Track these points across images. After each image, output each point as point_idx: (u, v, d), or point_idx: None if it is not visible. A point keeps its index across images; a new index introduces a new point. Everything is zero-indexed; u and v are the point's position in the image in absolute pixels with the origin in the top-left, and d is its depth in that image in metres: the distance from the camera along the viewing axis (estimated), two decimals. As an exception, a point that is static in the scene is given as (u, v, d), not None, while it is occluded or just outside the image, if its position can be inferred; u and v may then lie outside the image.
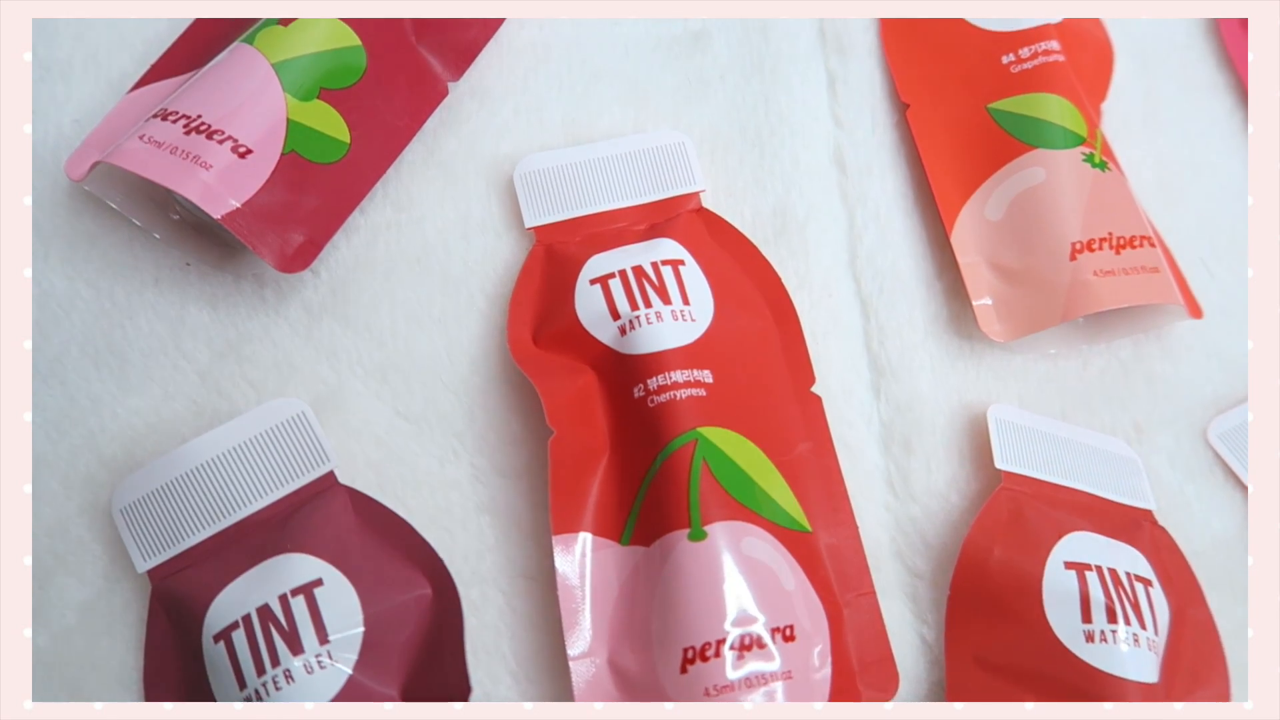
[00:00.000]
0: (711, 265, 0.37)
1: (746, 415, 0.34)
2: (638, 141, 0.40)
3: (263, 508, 0.32)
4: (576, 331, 0.36)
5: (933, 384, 0.39)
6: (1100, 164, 0.39)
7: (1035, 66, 0.40)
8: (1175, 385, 0.40)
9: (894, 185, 0.41)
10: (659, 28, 0.43)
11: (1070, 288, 0.37)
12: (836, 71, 0.43)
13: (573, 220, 0.38)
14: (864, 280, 0.40)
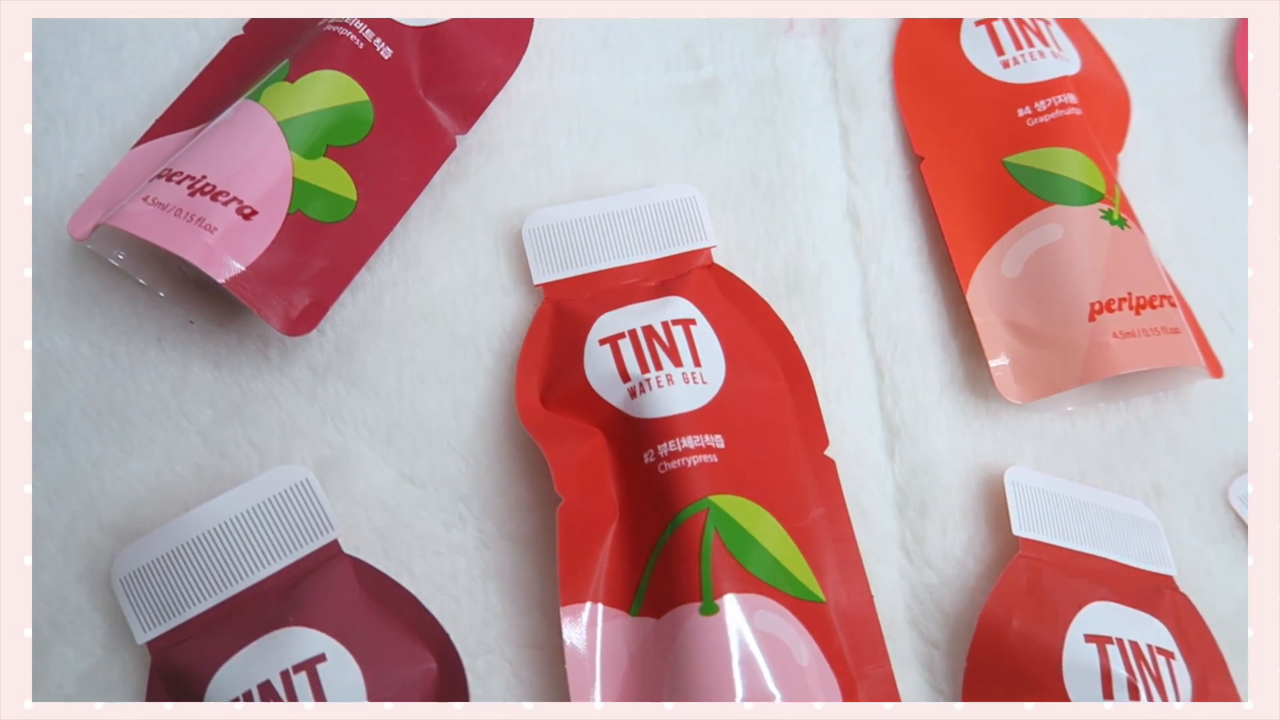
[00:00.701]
0: (723, 324, 0.37)
1: (759, 481, 0.34)
2: (648, 196, 0.39)
3: (265, 578, 0.32)
4: (586, 393, 0.35)
5: (948, 445, 0.38)
6: (1119, 221, 0.38)
7: (1052, 120, 0.40)
8: (1195, 444, 0.39)
9: (908, 239, 0.41)
10: (669, 76, 0.43)
11: (1089, 349, 0.36)
12: (849, 122, 0.42)
13: (582, 277, 0.38)
14: (878, 338, 0.39)
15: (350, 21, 0.37)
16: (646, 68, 0.43)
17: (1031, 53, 0.41)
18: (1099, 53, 0.44)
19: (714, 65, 0.43)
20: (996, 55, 0.42)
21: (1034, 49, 0.41)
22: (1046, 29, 0.42)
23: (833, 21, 0.44)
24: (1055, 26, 0.43)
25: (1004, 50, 0.42)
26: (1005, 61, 0.41)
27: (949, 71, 0.42)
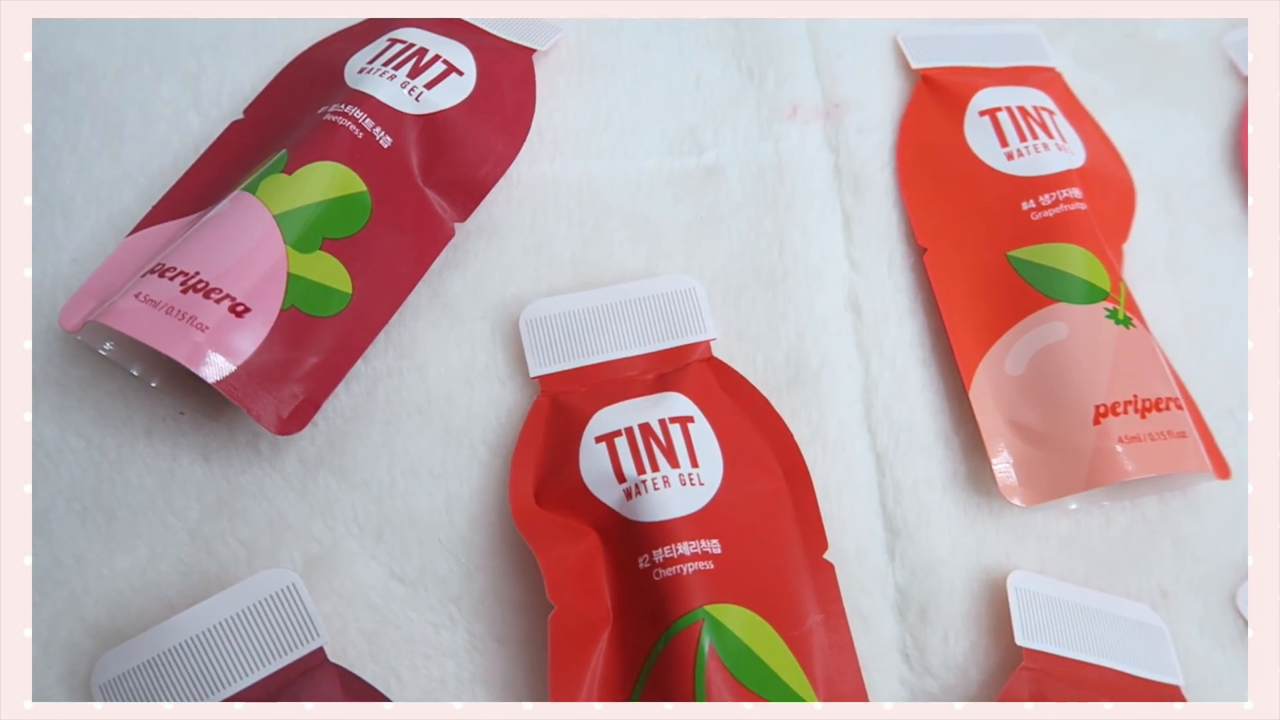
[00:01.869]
0: (721, 421, 0.36)
1: (755, 588, 0.33)
2: (648, 287, 0.39)
3: (249, 685, 0.31)
4: (581, 493, 0.35)
5: (950, 546, 0.37)
6: (1124, 320, 0.37)
7: (1056, 215, 0.39)
8: (1203, 546, 0.38)
9: (911, 332, 0.40)
10: (672, 161, 0.42)
11: (1094, 454, 0.35)
12: (852, 210, 0.42)
13: (579, 369, 0.37)
14: (880, 433, 0.38)
15: (349, 111, 0.37)
16: (649, 152, 0.43)
17: (1035, 145, 0.41)
18: (1103, 141, 0.44)
19: (716, 150, 0.43)
20: (1000, 146, 0.41)
21: (1038, 140, 0.41)
22: (1051, 119, 0.42)
23: (836, 106, 0.44)
24: (1060, 116, 0.43)
25: (1008, 141, 0.41)
26: (1009, 153, 0.41)
27: (953, 161, 0.42)
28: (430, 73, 0.39)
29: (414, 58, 0.39)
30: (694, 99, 0.44)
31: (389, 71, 0.39)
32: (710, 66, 0.44)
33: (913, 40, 0.45)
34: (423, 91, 0.38)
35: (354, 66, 0.39)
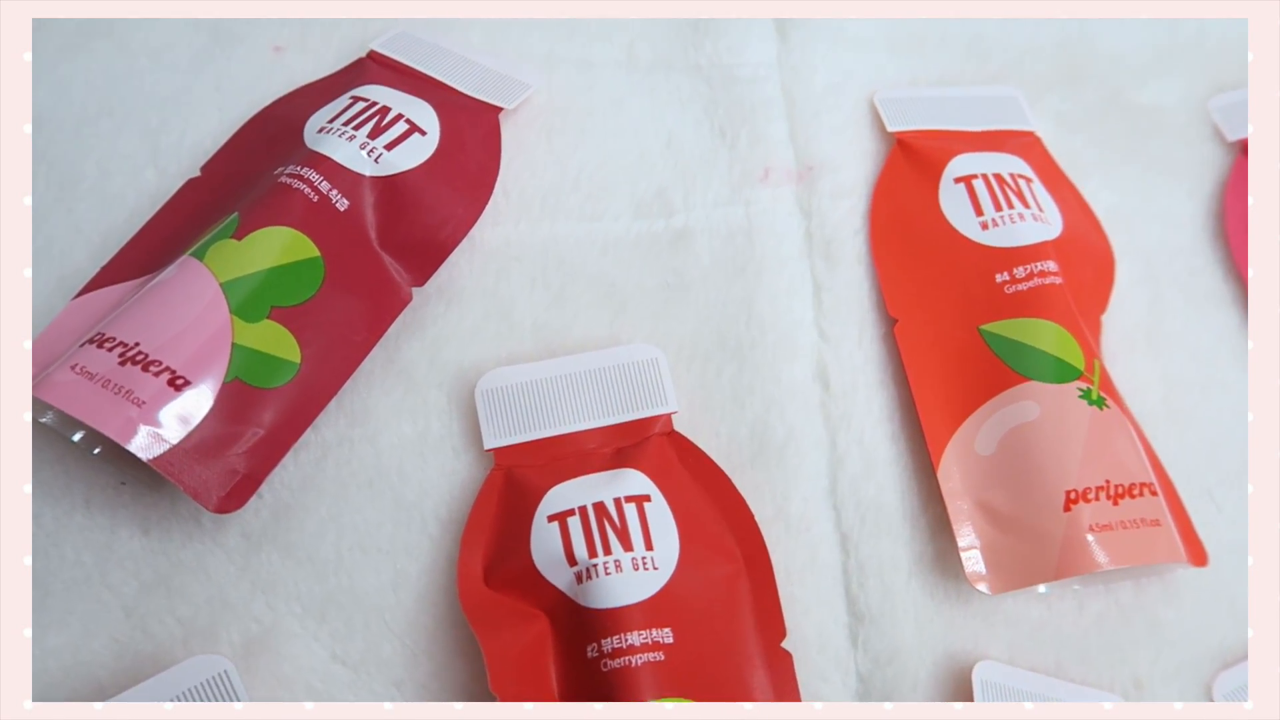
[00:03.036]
0: (680, 500, 0.35)
1: (707, 681, 0.32)
2: (609, 357, 0.38)
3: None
4: (531, 575, 0.33)
5: (916, 632, 0.36)
6: (1097, 400, 0.36)
7: (1030, 289, 0.38)
8: (1179, 635, 0.37)
9: (880, 406, 0.39)
10: (640, 224, 0.41)
11: (1064, 543, 0.34)
12: (823, 278, 0.41)
13: (535, 442, 0.36)
14: (845, 511, 0.37)
15: (305, 173, 0.36)
16: (617, 214, 0.42)
17: (1011, 214, 0.40)
18: (1083, 208, 0.43)
19: (686, 213, 0.42)
20: (975, 215, 0.40)
21: (1014, 210, 0.40)
22: (1028, 187, 0.41)
23: (810, 169, 0.43)
24: (1037, 184, 0.42)
25: (983, 210, 0.40)
26: (984, 223, 0.40)
27: (926, 229, 0.41)
28: (392, 133, 0.38)
29: (376, 117, 0.39)
30: (665, 159, 0.43)
31: (348, 132, 0.38)
32: (683, 125, 0.44)
33: (890, 102, 0.44)
34: (382, 153, 0.38)
35: (314, 125, 0.38)
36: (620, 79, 0.45)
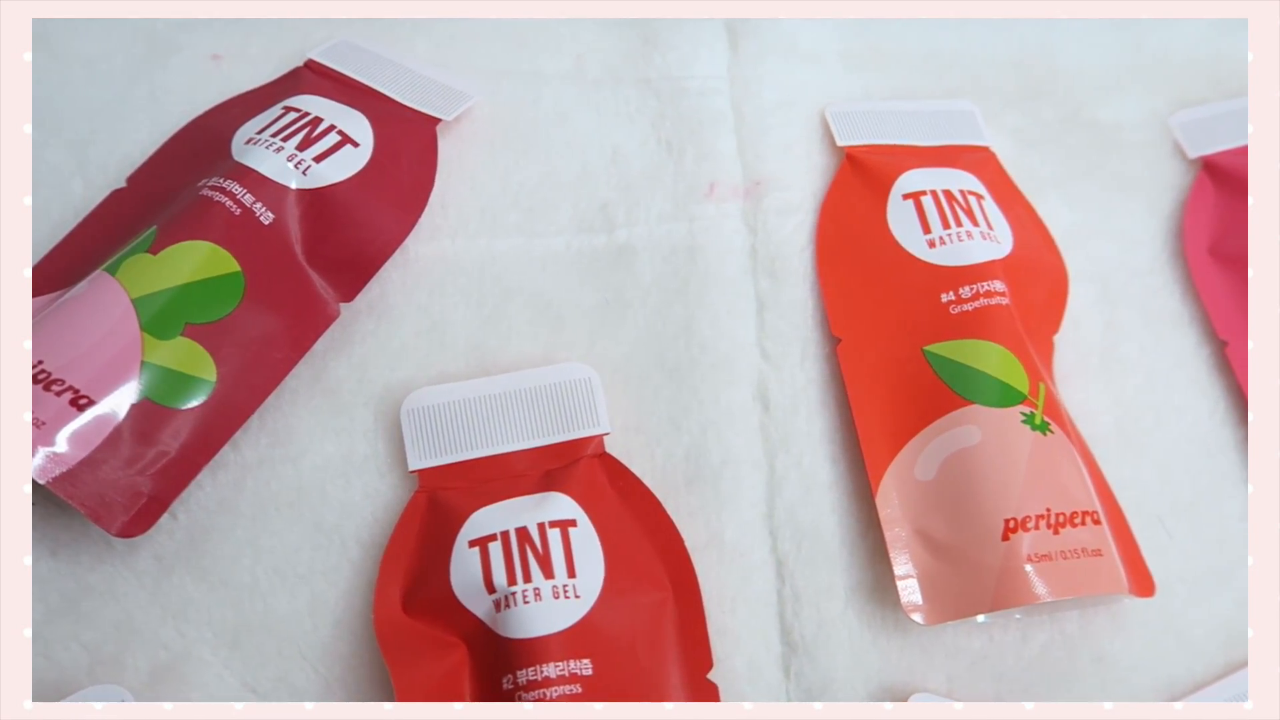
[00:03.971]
0: (607, 525, 0.34)
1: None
2: (540, 376, 0.37)
3: (68, 812, 0.29)
4: (450, 603, 0.32)
5: (850, 663, 0.35)
6: (1041, 425, 0.35)
7: (976, 309, 0.37)
8: (1126, 667, 0.36)
9: (821, 428, 0.38)
10: (581, 239, 0.40)
11: (1001, 574, 0.33)
12: (766, 296, 0.40)
13: (461, 464, 0.35)
14: (781, 537, 0.36)
15: (228, 186, 0.35)
16: (558, 230, 0.41)
17: (960, 232, 0.39)
18: (1037, 226, 0.42)
19: (628, 229, 0.41)
20: (923, 233, 0.39)
21: (962, 228, 0.39)
22: (979, 204, 0.40)
23: (757, 184, 0.42)
24: (989, 200, 0.41)
25: (931, 228, 0.39)
26: (931, 240, 0.39)
27: (873, 247, 0.40)
28: (322, 144, 0.37)
29: (306, 128, 0.38)
30: (609, 174, 0.42)
31: (276, 143, 0.37)
32: (629, 139, 0.43)
33: (841, 116, 0.43)
34: (311, 165, 0.37)
35: (242, 136, 0.38)
36: (568, 91, 0.44)
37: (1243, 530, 0.38)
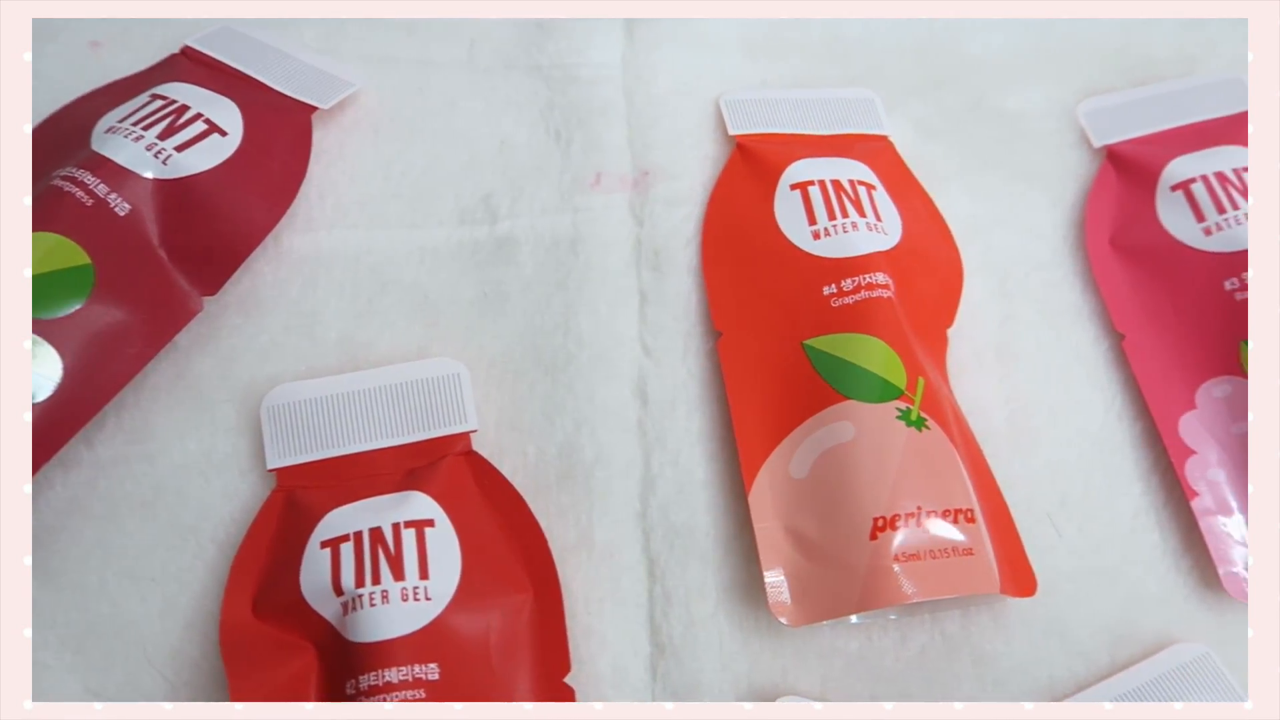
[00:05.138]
0: (467, 526, 0.33)
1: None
2: (407, 372, 0.36)
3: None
4: (299, 606, 0.31)
5: (719, 666, 0.34)
6: (917, 421, 0.34)
7: (857, 302, 0.36)
8: (1008, 669, 0.35)
9: (699, 424, 0.37)
10: (462, 231, 0.40)
11: (869, 573, 0.32)
12: (650, 289, 0.39)
13: (323, 462, 0.34)
14: (654, 536, 0.35)
15: (79, 176, 0.34)
16: (439, 221, 0.40)
17: (845, 224, 0.38)
18: (932, 218, 0.41)
19: (511, 221, 0.40)
20: (808, 224, 0.38)
21: (848, 219, 0.38)
22: (868, 195, 0.39)
23: (645, 175, 0.41)
24: (881, 191, 0.40)
25: (816, 219, 0.38)
26: (816, 232, 0.38)
27: (759, 238, 0.39)
28: (186, 133, 0.36)
29: (171, 116, 0.37)
30: (495, 164, 0.41)
31: (136, 132, 0.36)
32: (517, 129, 0.42)
33: (735, 104, 0.42)
34: (172, 154, 0.36)
35: (103, 125, 0.36)
36: (458, 79, 0.43)
37: (1133, 528, 0.37)
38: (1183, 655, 0.35)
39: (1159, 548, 0.37)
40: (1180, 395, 0.38)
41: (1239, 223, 0.39)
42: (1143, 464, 0.38)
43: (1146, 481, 0.38)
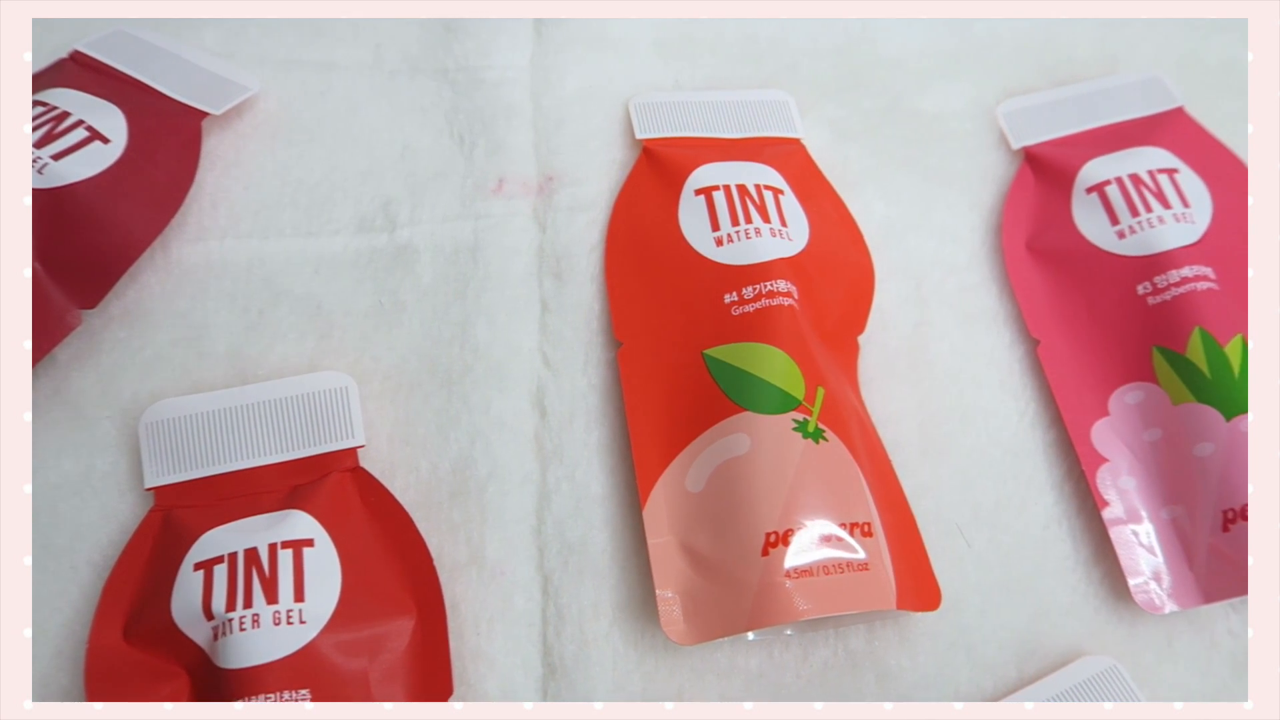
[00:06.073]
0: (351, 545, 0.32)
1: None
2: (293, 386, 0.35)
3: None
4: (170, 631, 0.30)
5: (612, 685, 0.33)
6: (814, 433, 0.33)
7: (757, 310, 0.35)
8: (912, 684, 0.34)
9: (599, 437, 0.36)
10: (360, 239, 0.38)
11: (759, 590, 0.31)
12: (551, 298, 0.38)
13: (202, 481, 0.33)
14: (549, 553, 0.34)
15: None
16: (337, 229, 0.39)
17: (749, 229, 0.37)
18: (843, 222, 0.40)
19: (411, 228, 0.39)
20: (712, 230, 0.37)
21: (751, 225, 0.37)
22: (775, 199, 0.38)
23: (550, 180, 0.40)
24: (789, 195, 0.39)
25: (719, 225, 0.37)
26: (719, 238, 0.37)
27: (663, 246, 0.38)
28: (65, 141, 0.35)
29: (50, 123, 0.35)
30: (397, 170, 0.40)
31: (11, 141, 0.34)
32: (421, 134, 0.41)
33: (645, 107, 0.41)
34: (48, 163, 0.34)
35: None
36: (362, 83, 0.42)
37: (1045, 538, 0.36)
38: (1089, 668, 0.34)
39: (1070, 558, 0.36)
40: (1093, 402, 0.37)
41: (1152, 226, 0.38)
42: (1056, 472, 0.37)
43: (1059, 490, 0.37)
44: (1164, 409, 0.36)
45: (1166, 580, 0.35)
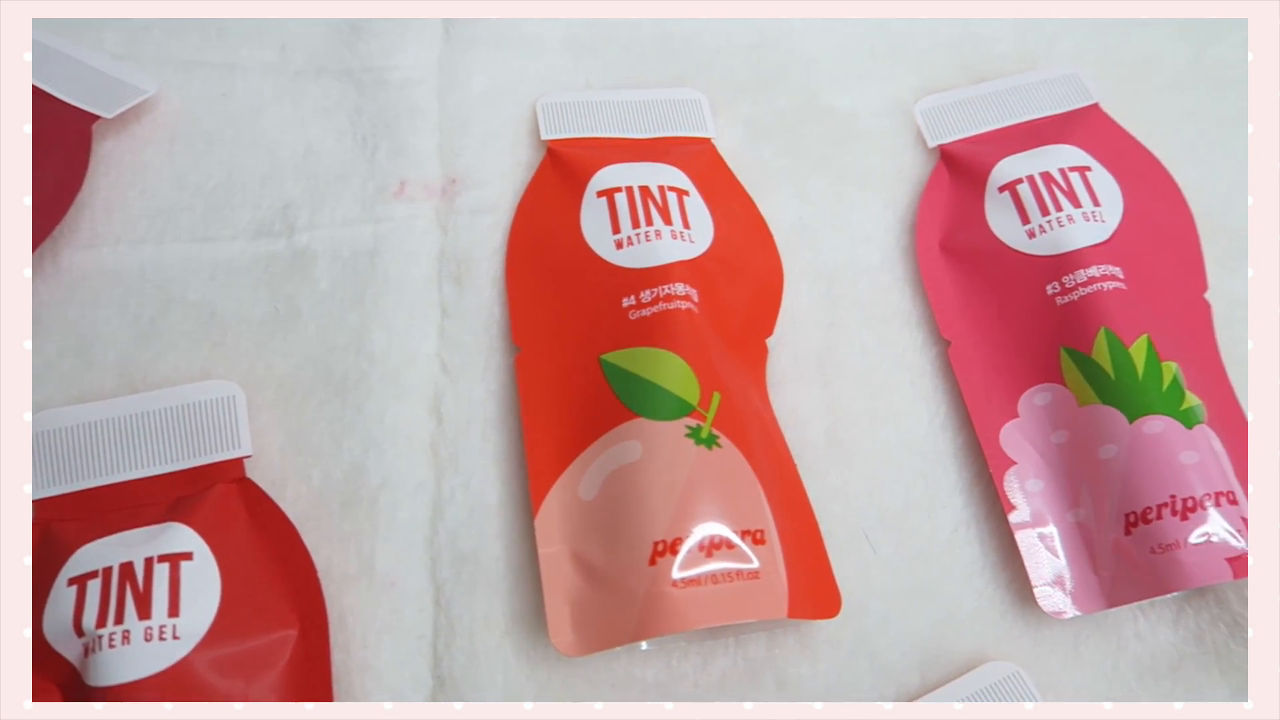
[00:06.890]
0: (231, 558, 0.31)
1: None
2: (178, 395, 0.34)
3: None
4: (42, 648, 0.30)
5: (502, 699, 0.32)
6: (708, 439, 0.33)
7: (655, 314, 0.35)
8: (812, 692, 0.34)
9: (495, 445, 0.35)
10: (257, 245, 0.38)
11: (646, 600, 0.31)
12: (450, 303, 0.37)
13: (82, 493, 0.32)
14: (441, 563, 0.34)
15: None
16: (234, 234, 0.38)
17: (649, 231, 0.36)
18: (752, 223, 0.39)
19: (310, 232, 0.38)
20: (612, 233, 0.37)
21: (652, 228, 0.36)
22: (679, 200, 0.38)
23: (453, 182, 0.39)
24: (694, 196, 0.38)
25: (620, 227, 0.37)
26: (619, 241, 0.37)
27: (565, 249, 0.37)
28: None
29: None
30: (298, 173, 0.39)
31: (-113, 147, 0.34)
32: (324, 136, 0.40)
33: (552, 107, 0.41)
34: (-74, 170, 0.34)
35: None
36: (266, 84, 0.41)
37: (952, 542, 0.36)
38: (991, 675, 0.34)
39: (978, 562, 0.36)
40: (1003, 404, 0.37)
41: (1062, 225, 0.38)
42: (965, 475, 0.37)
43: (969, 493, 0.37)
44: (1071, 410, 0.36)
45: (1070, 585, 0.34)
